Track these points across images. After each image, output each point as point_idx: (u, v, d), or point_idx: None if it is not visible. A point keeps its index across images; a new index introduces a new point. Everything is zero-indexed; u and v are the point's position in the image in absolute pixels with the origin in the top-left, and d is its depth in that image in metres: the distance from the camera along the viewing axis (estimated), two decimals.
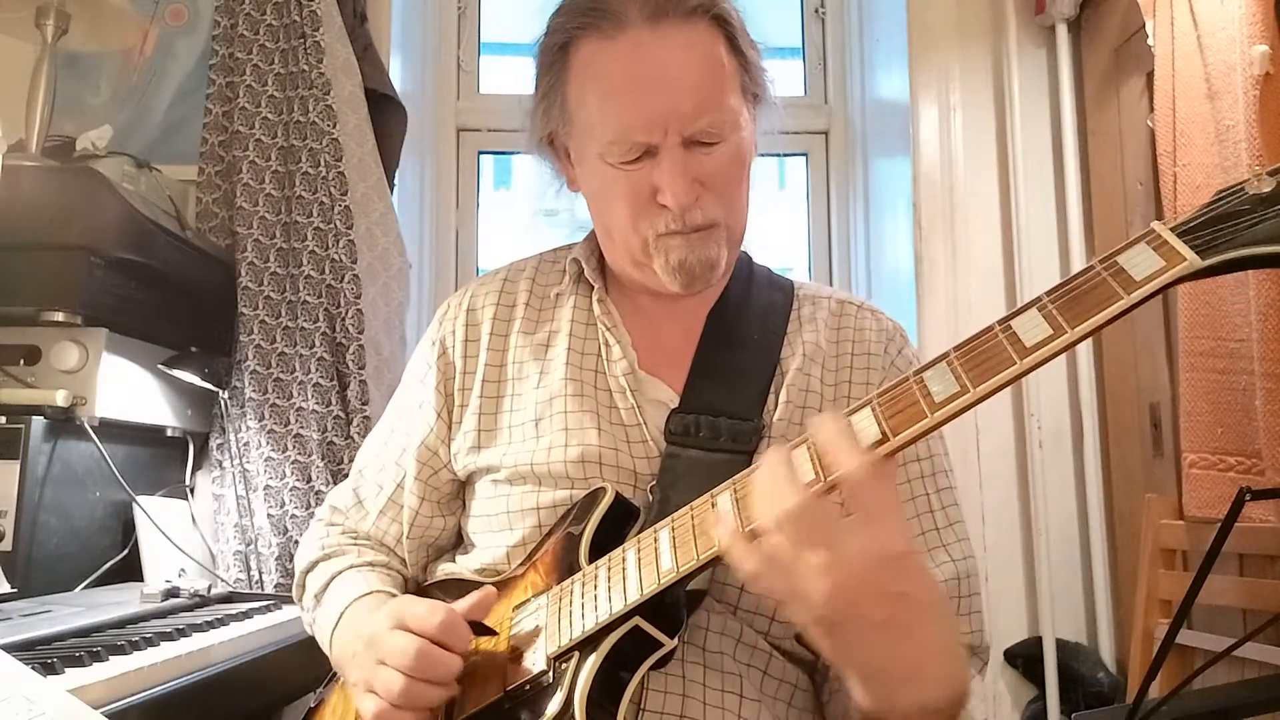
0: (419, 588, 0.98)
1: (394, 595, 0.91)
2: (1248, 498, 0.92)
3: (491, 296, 1.00)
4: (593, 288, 0.98)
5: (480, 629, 0.79)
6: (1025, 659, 1.91)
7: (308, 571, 1.00)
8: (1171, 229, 0.61)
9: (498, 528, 0.91)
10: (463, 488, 0.99)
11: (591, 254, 1.00)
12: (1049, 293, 0.63)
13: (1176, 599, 1.56)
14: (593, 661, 0.73)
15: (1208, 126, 1.49)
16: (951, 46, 2.09)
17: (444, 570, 0.97)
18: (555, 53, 0.91)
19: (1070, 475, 1.97)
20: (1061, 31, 2.03)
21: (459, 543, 1.00)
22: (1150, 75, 1.67)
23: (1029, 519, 1.96)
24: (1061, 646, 1.88)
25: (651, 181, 0.86)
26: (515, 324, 0.98)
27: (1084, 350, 1.95)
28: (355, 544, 1.00)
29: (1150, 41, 1.63)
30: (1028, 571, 1.96)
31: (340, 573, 0.96)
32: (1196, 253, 0.59)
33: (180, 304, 1.69)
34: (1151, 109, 1.67)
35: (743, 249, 1.00)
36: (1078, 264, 1.96)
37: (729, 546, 0.65)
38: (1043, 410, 1.95)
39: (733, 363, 0.92)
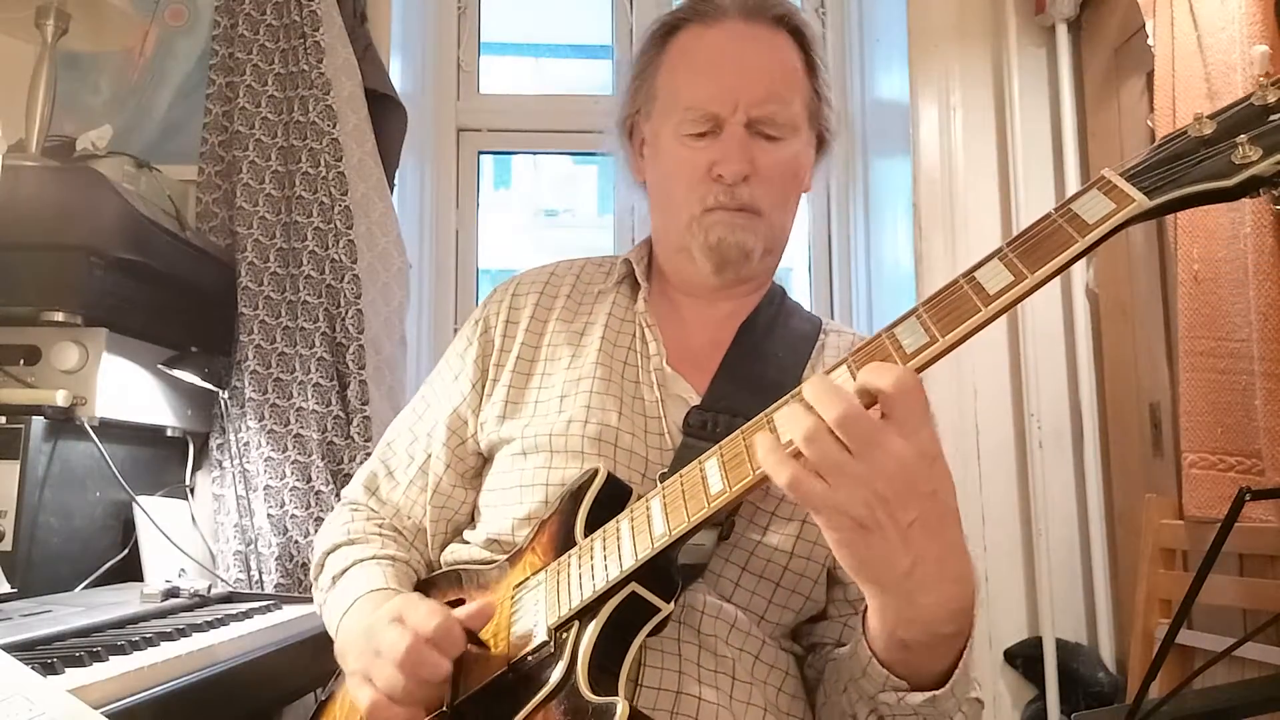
0: (429, 574, 1.00)
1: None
2: (1248, 498, 0.92)
3: (537, 286, 1.07)
4: (635, 288, 1.04)
5: (474, 639, 0.80)
6: (1025, 659, 1.91)
7: (329, 553, 1.02)
8: (1120, 173, 0.65)
9: (508, 501, 0.94)
10: (485, 465, 1.01)
11: (642, 258, 1.07)
12: (1009, 242, 0.67)
13: (1176, 599, 1.56)
14: (593, 628, 0.75)
15: None
16: (951, 46, 2.09)
17: (450, 553, 1.00)
18: (658, 38, 1.02)
19: (1070, 475, 1.97)
20: (1061, 31, 2.03)
21: (473, 520, 1.02)
22: (1150, 75, 1.67)
23: (1029, 519, 1.96)
24: (1061, 646, 1.88)
25: (710, 157, 0.95)
26: (555, 312, 1.04)
27: (1084, 350, 1.95)
28: (380, 534, 1.02)
29: (1150, 41, 1.63)
30: (1028, 571, 1.96)
31: (360, 561, 0.97)
32: (1144, 194, 0.63)
33: (180, 304, 1.69)
34: (1151, 109, 1.67)
35: (777, 282, 1.07)
36: (1078, 263, 1.95)
37: (765, 458, 0.66)
38: (1043, 410, 1.95)
39: (756, 373, 0.96)
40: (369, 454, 1.79)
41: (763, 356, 0.98)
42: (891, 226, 2.20)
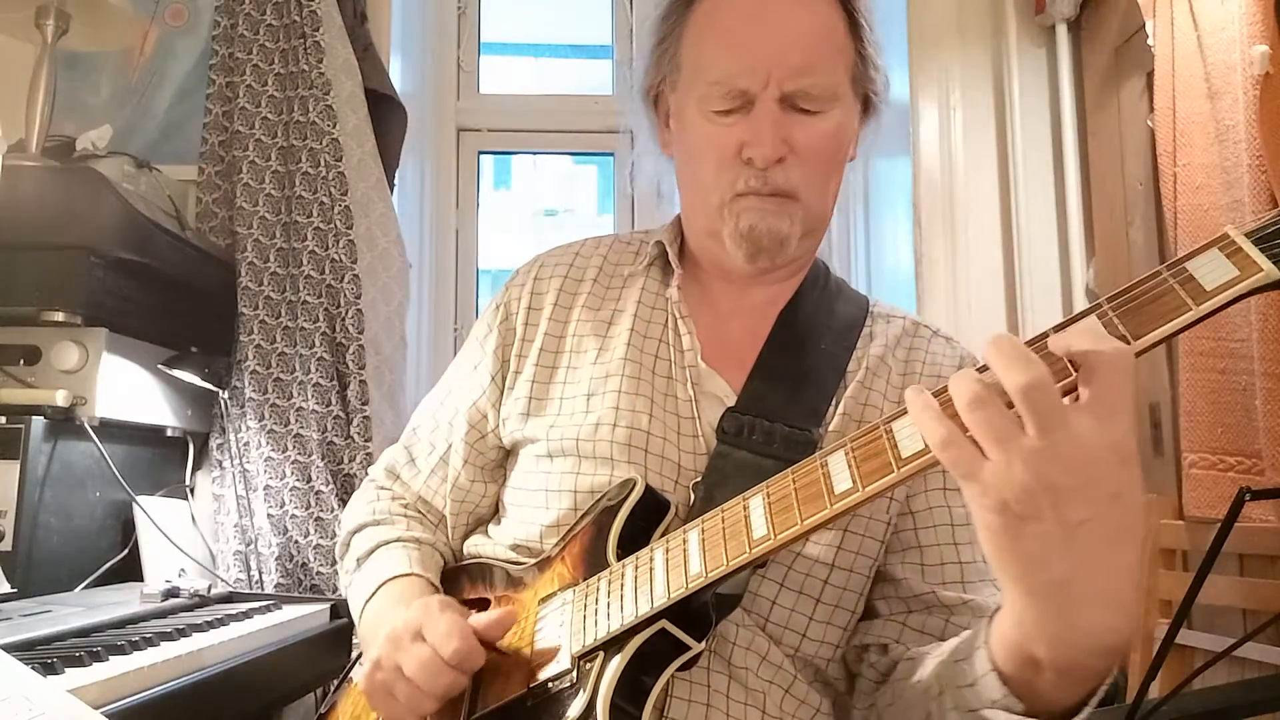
0: (456, 563, 0.98)
1: (430, 581, 0.92)
2: (1248, 498, 0.92)
3: (560, 268, 1.00)
4: (666, 271, 0.97)
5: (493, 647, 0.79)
6: None
7: (354, 532, 1.00)
8: (1246, 234, 0.57)
9: (534, 504, 0.90)
10: (507, 456, 0.98)
11: (675, 239, 0.99)
12: (1110, 299, 0.59)
13: (1176, 599, 1.56)
14: (617, 663, 0.71)
15: (1208, 126, 1.49)
16: (951, 46, 2.09)
17: (473, 545, 0.96)
18: (681, 4, 0.92)
19: None
20: (1061, 31, 2.03)
21: (497, 514, 0.99)
22: (1150, 75, 1.67)
23: None
24: None
25: (740, 137, 0.86)
26: (580, 298, 0.97)
27: None
28: (405, 515, 1.00)
29: (1150, 41, 1.63)
30: None
31: (386, 543, 0.95)
32: (1275, 263, 0.55)
33: (180, 304, 1.69)
34: (1151, 109, 1.67)
35: (820, 259, 1.00)
36: (1078, 264, 1.95)
37: (919, 414, 0.58)
38: None
39: (796, 369, 0.89)
40: (369, 454, 1.80)
41: (804, 349, 0.91)
42: (891, 226, 2.20)
